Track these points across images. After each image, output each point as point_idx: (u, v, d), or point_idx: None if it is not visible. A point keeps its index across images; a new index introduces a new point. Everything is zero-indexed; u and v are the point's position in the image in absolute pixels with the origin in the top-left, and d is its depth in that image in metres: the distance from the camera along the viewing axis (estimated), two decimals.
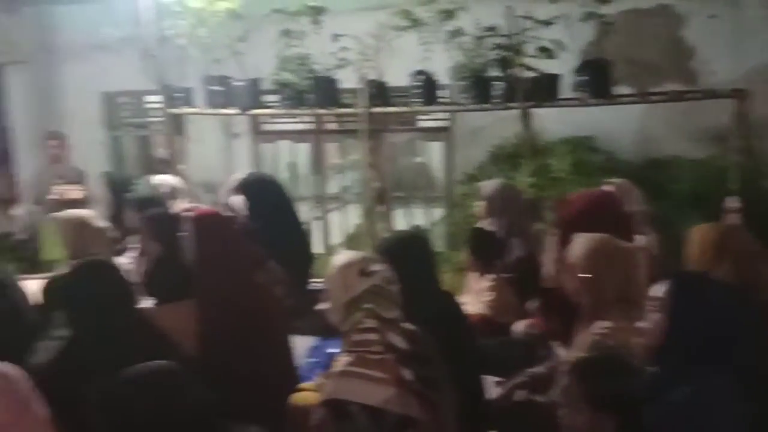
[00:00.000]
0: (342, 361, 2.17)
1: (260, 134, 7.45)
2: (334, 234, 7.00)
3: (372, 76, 4.95)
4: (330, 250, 6.39)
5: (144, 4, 5.32)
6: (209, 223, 2.93)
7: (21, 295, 3.45)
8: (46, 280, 3.46)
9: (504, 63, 4.54)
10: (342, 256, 2.38)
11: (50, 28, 7.56)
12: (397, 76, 4.98)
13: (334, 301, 2.30)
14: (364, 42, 4.82)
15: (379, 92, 4.97)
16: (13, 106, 7.86)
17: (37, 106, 7.48)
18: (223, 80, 5.23)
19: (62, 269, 3.56)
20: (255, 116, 6.53)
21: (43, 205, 6.33)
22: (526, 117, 4.69)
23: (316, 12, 4.86)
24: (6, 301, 3.33)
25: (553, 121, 5.24)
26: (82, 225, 3.64)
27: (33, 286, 3.60)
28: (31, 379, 1.88)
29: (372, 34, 4.80)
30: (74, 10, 7.12)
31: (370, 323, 2.20)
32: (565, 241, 2.68)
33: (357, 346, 2.18)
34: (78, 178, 6.52)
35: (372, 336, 2.17)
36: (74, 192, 6.32)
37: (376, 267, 2.32)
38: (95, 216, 3.77)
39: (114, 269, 2.55)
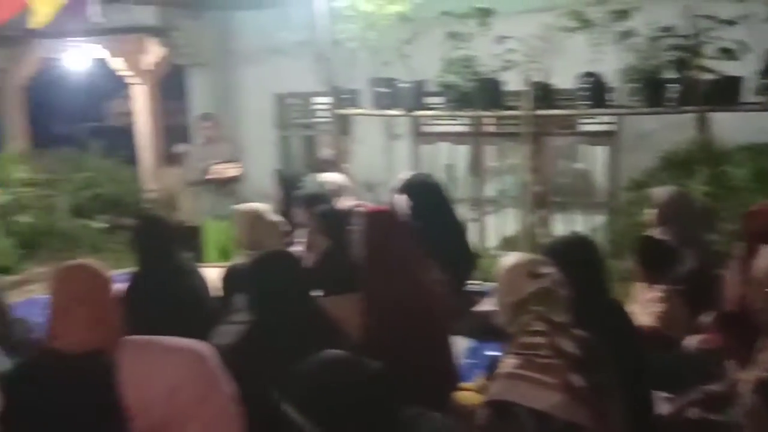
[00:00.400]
0: (508, 363, 2.16)
1: (420, 135, 7.55)
2: (490, 237, 6.97)
3: (537, 78, 4.89)
4: (485, 252, 6.37)
5: (319, 10, 5.56)
6: (380, 220, 3.01)
7: (201, 280, 3.73)
8: (225, 268, 3.71)
9: (680, 65, 4.34)
10: (511, 257, 2.36)
11: (230, 32, 8.08)
12: (563, 78, 4.89)
13: (502, 302, 2.30)
14: (530, 44, 4.77)
15: (545, 94, 4.91)
16: (194, 105, 8.47)
17: (215, 106, 8.00)
18: (389, 82, 5.37)
19: (239, 258, 3.81)
20: (416, 118, 6.64)
21: (203, 184, 6.60)
22: (702, 122, 4.45)
23: (484, 14, 4.88)
24: (188, 286, 3.62)
25: (731, 127, 4.92)
26: (258, 218, 3.84)
27: (211, 273, 3.88)
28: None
29: (538, 35, 4.74)
30: (253, 16, 7.57)
31: (539, 326, 2.17)
32: (751, 254, 2.51)
33: (525, 349, 2.16)
34: (233, 157, 6.68)
35: (541, 339, 2.15)
36: (232, 170, 6.59)
37: (546, 269, 2.29)
38: (269, 210, 3.97)
39: (295, 260, 2.69)
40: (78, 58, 8.62)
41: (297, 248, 4.37)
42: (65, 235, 6.74)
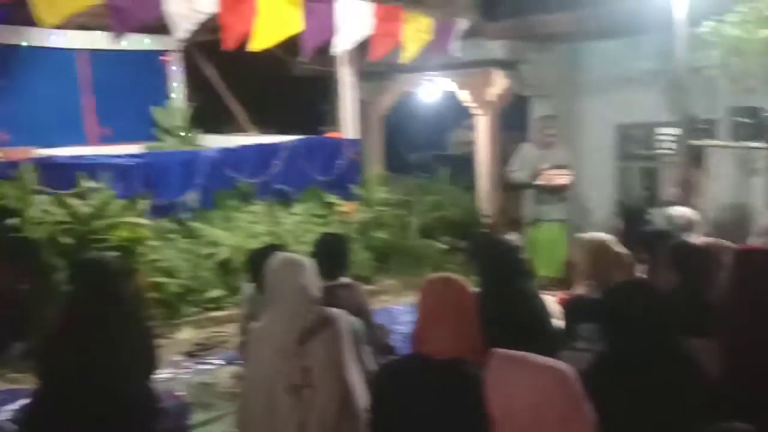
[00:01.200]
0: None
1: None
2: None
3: None
4: None
5: (678, 37, 5.31)
6: (756, 260, 2.78)
7: (543, 306, 3.79)
8: (573, 296, 3.73)
9: None
10: None
11: (578, 63, 8.09)
12: None
13: None
14: None
15: None
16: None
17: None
18: (752, 111, 4.97)
19: (583, 288, 3.79)
20: None
21: (529, 188, 6.49)
22: None
23: None
24: (529, 309, 3.70)
25: None
26: (603, 249, 3.79)
27: (550, 300, 3.93)
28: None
29: None
30: (603, 46, 7.47)
31: None
32: None
33: None
34: (566, 163, 6.50)
35: None
36: (562, 178, 6.41)
37: None
38: (615, 241, 3.89)
39: (655, 292, 2.61)
40: (430, 91, 9.36)
41: None
42: (412, 253, 7.31)
